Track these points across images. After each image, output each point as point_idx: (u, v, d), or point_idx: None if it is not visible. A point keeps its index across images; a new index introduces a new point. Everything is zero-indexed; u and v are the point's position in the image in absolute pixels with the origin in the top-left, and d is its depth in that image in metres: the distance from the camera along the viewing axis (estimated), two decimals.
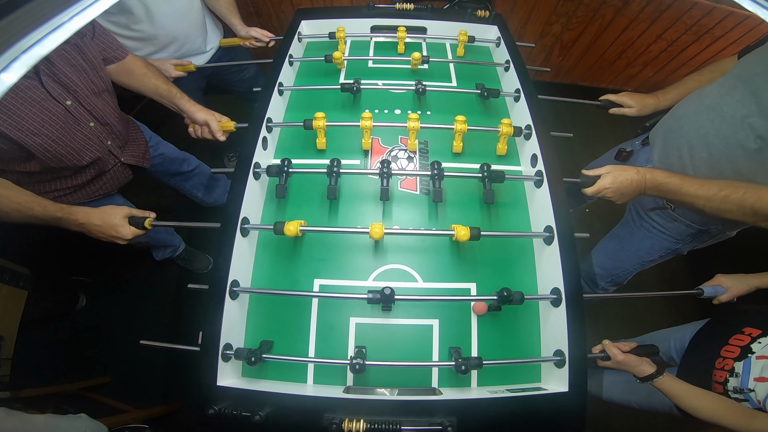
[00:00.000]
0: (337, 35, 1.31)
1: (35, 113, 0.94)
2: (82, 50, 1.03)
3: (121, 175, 1.27)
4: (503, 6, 2.02)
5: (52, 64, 0.96)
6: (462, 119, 1.02)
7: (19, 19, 0.36)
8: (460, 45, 1.34)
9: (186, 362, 0.81)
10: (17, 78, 0.35)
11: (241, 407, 0.73)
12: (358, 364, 0.76)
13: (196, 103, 1.22)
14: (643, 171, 0.96)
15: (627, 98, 1.24)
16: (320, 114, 1.03)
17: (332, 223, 1.01)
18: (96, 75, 1.08)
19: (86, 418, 1.10)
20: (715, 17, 1.89)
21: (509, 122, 1.04)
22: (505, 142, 1.08)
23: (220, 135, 1.21)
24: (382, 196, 0.95)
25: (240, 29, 1.50)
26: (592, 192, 0.98)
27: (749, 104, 0.89)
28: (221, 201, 1.73)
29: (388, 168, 0.95)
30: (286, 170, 0.96)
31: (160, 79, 1.22)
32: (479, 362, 0.78)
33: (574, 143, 2.42)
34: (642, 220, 1.24)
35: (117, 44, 1.16)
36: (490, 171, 0.95)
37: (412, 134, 1.06)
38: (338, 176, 0.96)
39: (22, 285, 1.69)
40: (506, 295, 0.81)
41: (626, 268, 1.34)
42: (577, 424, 0.78)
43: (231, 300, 0.84)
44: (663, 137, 1.12)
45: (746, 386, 0.87)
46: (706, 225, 1.10)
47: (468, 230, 0.86)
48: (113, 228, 0.96)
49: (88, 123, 1.08)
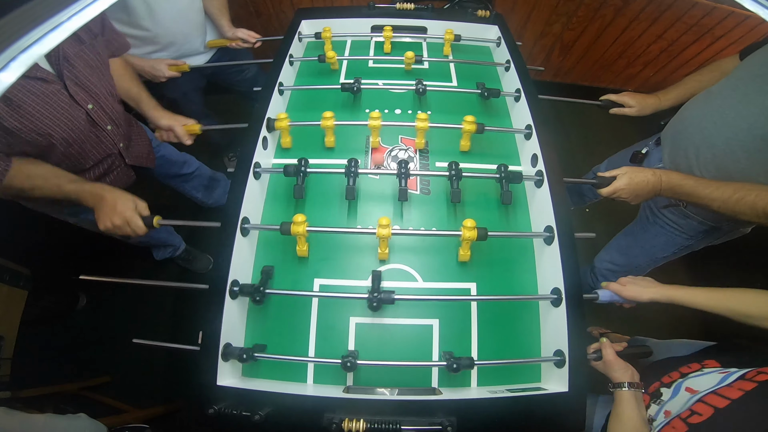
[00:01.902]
0: (323, 35, 1.31)
1: (59, 118, 0.93)
2: (96, 50, 1.02)
3: (125, 176, 1.27)
4: (503, 6, 2.02)
5: (74, 67, 0.94)
6: (471, 119, 1.02)
7: (18, 19, 0.36)
8: (447, 44, 1.34)
9: (186, 362, 0.81)
10: (15, 77, 0.35)
11: (241, 407, 0.73)
12: (349, 362, 0.76)
13: (162, 109, 1.23)
14: (659, 173, 0.96)
15: (628, 98, 1.25)
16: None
17: (337, 222, 1.01)
18: (108, 75, 1.07)
19: (86, 418, 1.09)
20: (715, 17, 1.88)
21: (472, 119, 1.03)
22: (468, 138, 1.08)
23: (186, 139, 1.22)
24: (401, 197, 0.95)
25: (227, 30, 1.49)
26: (607, 192, 0.99)
27: (752, 106, 0.90)
28: (221, 202, 1.73)
29: (406, 168, 0.95)
30: (303, 170, 0.96)
31: (134, 82, 1.22)
32: (471, 362, 0.78)
33: (574, 143, 2.43)
34: (655, 217, 1.25)
35: (122, 41, 1.15)
36: (508, 172, 0.96)
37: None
38: (356, 176, 0.96)
39: (22, 285, 1.69)
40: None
41: (639, 265, 1.35)
42: (577, 424, 0.77)
43: (231, 300, 0.84)
44: (671, 138, 1.13)
45: (656, 415, 0.77)
46: (718, 222, 1.11)
47: (475, 230, 0.85)
48: (128, 209, 0.96)
49: (106, 126, 1.07)
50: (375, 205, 1.03)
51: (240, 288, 0.83)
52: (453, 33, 1.32)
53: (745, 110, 0.91)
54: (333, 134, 1.08)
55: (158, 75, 1.37)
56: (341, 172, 0.97)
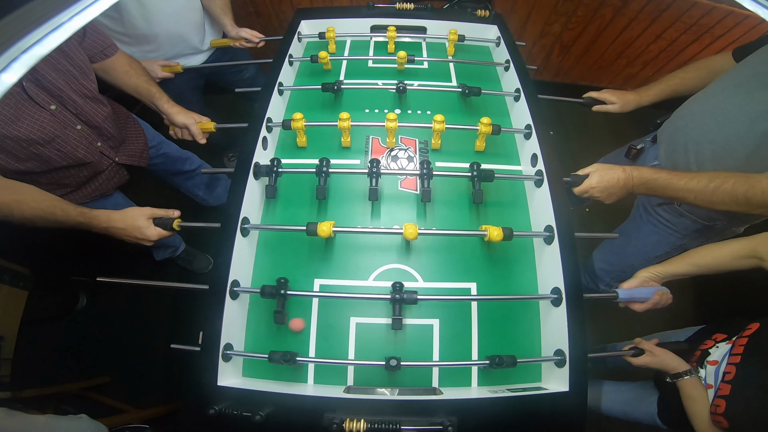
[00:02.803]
0: (327, 35, 1.31)
1: (19, 118, 0.93)
2: (67, 54, 1.02)
3: (116, 175, 1.27)
4: (503, 5, 2.02)
5: (35, 70, 0.94)
6: (487, 121, 1.02)
7: (18, 19, 0.36)
8: (450, 44, 1.34)
9: (186, 362, 0.81)
10: (17, 78, 0.35)
11: (241, 407, 0.73)
12: (394, 361, 0.77)
13: (176, 105, 1.22)
14: (629, 169, 0.96)
15: (609, 95, 1.25)
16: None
17: (338, 222, 1.00)
18: (86, 78, 1.07)
19: (86, 419, 1.09)
20: (714, 17, 1.89)
21: (488, 121, 1.03)
22: (483, 140, 1.08)
23: (200, 138, 1.22)
24: (371, 196, 0.95)
25: (230, 30, 1.48)
26: (579, 191, 0.99)
27: (754, 103, 0.90)
28: (222, 200, 1.73)
29: (377, 167, 0.95)
30: (275, 170, 0.96)
31: (142, 78, 1.21)
32: (513, 360, 0.79)
33: (574, 143, 2.43)
34: (649, 216, 1.25)
35: (108, 42, 1.15)
36: (480, 170, 0.95)
37: (391, 134, 1.06)
38: (327, 176, 0.96)
39: (22, 285, 1.69)
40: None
41: (632, 264, 1.35)
42: (577, 423, 0.77)
43: (231, 300, 0.84)
44: (669, 135, 1.13)
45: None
46: (711, 220, 1.11)
47: (501, 231, 0.85)
48: (138, 230, 0.96)
49: (75, 126, 1.07)
50: (375, 205, 1.03)
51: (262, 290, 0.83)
52: (457, 33, 1.32)
53: (748, 106, 0.91)
54: (349, 135, 1.08)
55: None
56: (312, 171, 0.96)
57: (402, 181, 1.07)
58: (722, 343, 0.92)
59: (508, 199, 1.05)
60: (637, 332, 1.37)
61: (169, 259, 1.81)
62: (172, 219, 0.99)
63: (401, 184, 1.06)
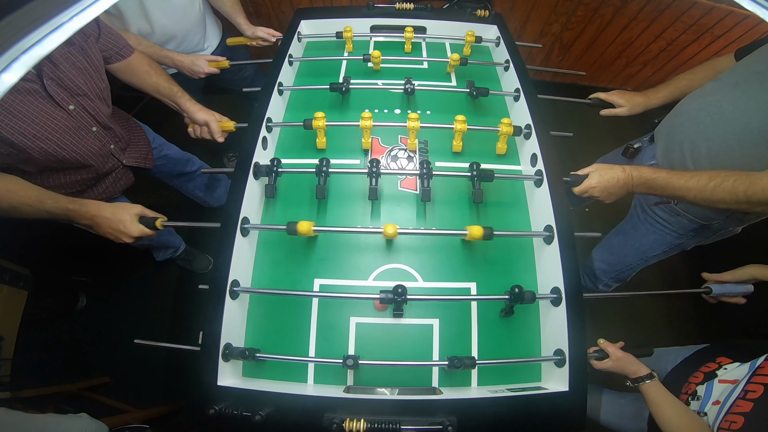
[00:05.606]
0: (345, 35, 1.31)
1: (36, 117, 0.93)
2: (87, 52, 1.01)
3: (123, 177, 1.26)
4: (503, 5, 2.02)
5: (57, 68, 0.94)
6: (462, 119, 1.02)
7: (19, 19, 0.36)
8: (467, 45, 1.33)
9: (186, 362, 0.81)
10: (17, 78, 0.35)
11: (241, 407, 0.73)
12: (351, 360, 0.76)
13: (197, 103, 1.22)
14: (629, 169, 0.96)
15: (617, 97, 1.24)
16: (320, 114, 1.03)
17: (337, 222, 1.01)
18: (99, 78, 1.07)
19: (87, 418, 1.09)
20: (714, 16, 1.89)
21: (509, 122, 1.04)
22: (504, 141, 1.08)
23: (219, 136, 1.21)
24: (371, 196, 0.95)
25: (246, 29, 1.48)
26: (578, 191, 0.99)
27: (751, 101, 0.90)
28: (222, 201, 1.73)
29: (377, 167, 0.95)
30: (275, 170, 0.97)
31: (162, 77, 1.21)
32: (472, 362, 0.78)
33: (574, 143, 2.42)
34: (646, 215, 1.24)
35: (123, 43, 1.15)
36: (480, 170, 0.95)
37: (412, 134, 1.06)
38: (327, 175, 0.96)
39: (22, 285, 1.69)
40: (518, 293, 0.80)
41: (629, 263, 1.35)
42: (577, 423, 0.78)
43: (231, 300, 0.84)
44: (666, 134, 1.13)
45: (703, 410, 0.85)
46: (708, 220, 1.11)
47: (482, 230, 0.85)
48: (122, 222, 0.96)
49: (91, 128, 1.07)
50: (375, 205, 1.03)
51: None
52: (474, 35, 1.31)
53: (745, 105, 0.91)
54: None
55: (197, 71, 1.35)
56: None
57: (402, 180, 1.07)
58: (731, 365, 0.88)
59: (508, 199, 1.05)
60: (636, 331, 1.37)
61: (169, 260, 1.81)
62: (155, 218, 0.99)
63: (401, 183, 1.07)
